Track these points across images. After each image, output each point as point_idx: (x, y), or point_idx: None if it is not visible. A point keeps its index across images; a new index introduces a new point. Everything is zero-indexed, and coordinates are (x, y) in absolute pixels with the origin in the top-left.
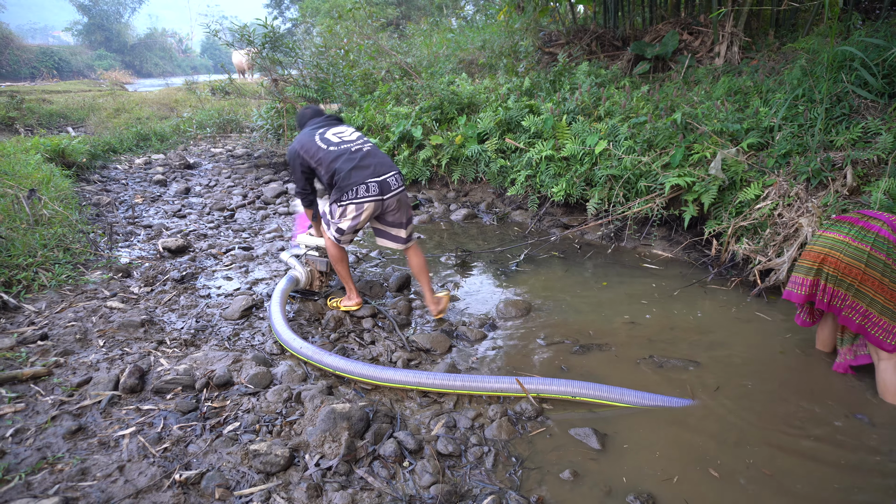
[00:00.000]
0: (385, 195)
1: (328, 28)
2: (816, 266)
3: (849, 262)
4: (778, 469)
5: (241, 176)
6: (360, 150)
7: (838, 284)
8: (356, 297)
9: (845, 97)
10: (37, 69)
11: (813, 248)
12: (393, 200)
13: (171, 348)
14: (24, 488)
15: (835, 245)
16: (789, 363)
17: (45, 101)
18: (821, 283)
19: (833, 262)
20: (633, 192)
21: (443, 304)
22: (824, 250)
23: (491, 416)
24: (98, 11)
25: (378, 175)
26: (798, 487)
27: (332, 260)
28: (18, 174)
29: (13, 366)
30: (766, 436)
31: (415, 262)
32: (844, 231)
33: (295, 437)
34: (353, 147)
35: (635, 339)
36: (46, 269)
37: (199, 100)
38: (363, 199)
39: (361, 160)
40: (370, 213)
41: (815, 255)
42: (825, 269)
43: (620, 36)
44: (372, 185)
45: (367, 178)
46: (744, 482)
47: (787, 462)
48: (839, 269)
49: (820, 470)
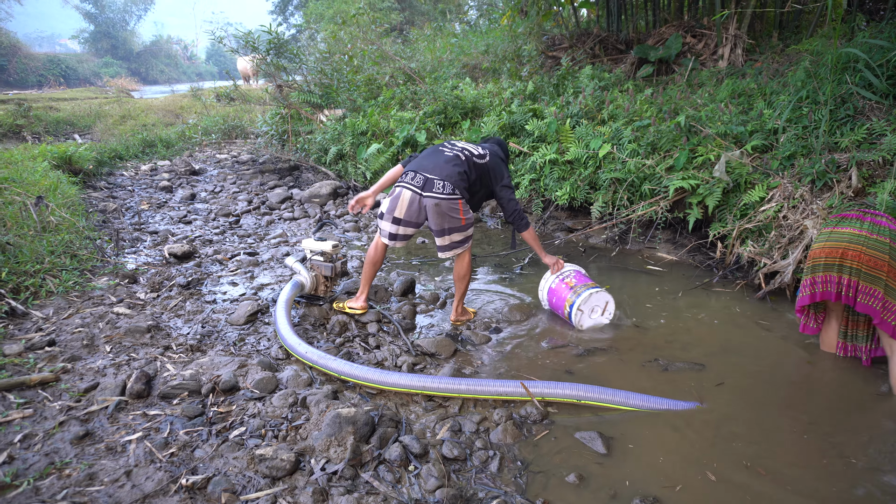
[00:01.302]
0: (424, 193)
1: (332, 34)
2: (837, 262)
3: (873, 255)
4: (786, 472)
5: (246, 182)
6: (444, 151)
7: (862, 277)
8: (363, 302)
9: (850, 99)
10: (44, 77)
11: (827, 244)
12: (430, 202)
13: (177, 354)
14: (32, 493)
15: (853, 239)
16: (796, 365)
17: (52, 109)
18: (844, 278)
19: (855, 255)
20: (638, 196)
21: (465, 318)
22: (841, 244)
23: (496, 419)
24: (104, 19)
25: (431, 173)
26: (807, 492)
27: (366, 259)
28: (26, 181)
29: (21, 372)
30: (773, 439)
31: (455, 269)
32: (857, 226)
33: (300, 441)
34: (450, 145)
35: (640, 342)
36: (54, 275)
37: (205, 106)
38: (403, 185)
39: (431, 155)
40: (406, 203)
41: (832, 250)
42: (847, 264)
43: (624, 39)
44: (419, 176)
45: (418, 169)
46: (750, 487)
47: (796, 466)
48: (863, 262)
49: (829, 473)
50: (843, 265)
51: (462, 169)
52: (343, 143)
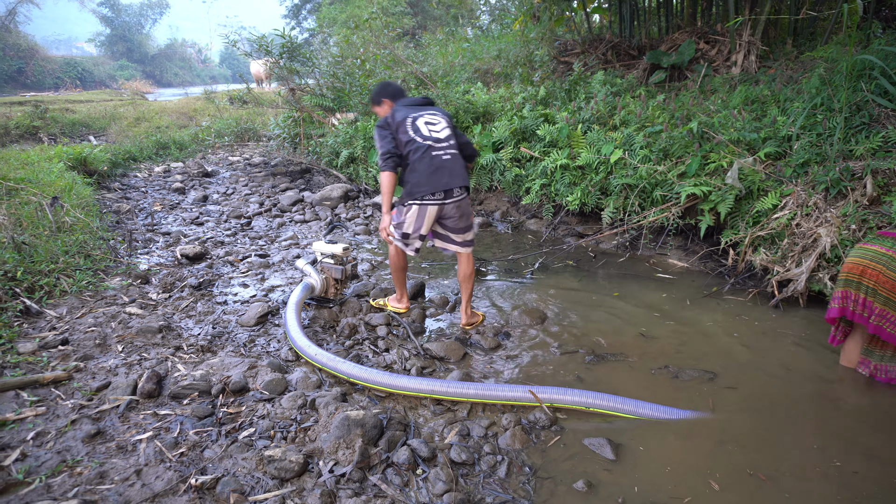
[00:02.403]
0: (447, 200)
1: (345, 38)
2: (856, 278)
3: (892, 276)
4: (792, 483)
5: (258, 184)
6: (441, 156)
7: (877, 298)
8: (406, 302)
9: (865, 106)
10: (61, 79)
11: (854, 259)
12: (453, 206)
13: (187, 354)
14: (44, 491)
15: (876, 257)
16: (808, 374)
17: (68, 111)
18: (860, 296)
19: (873, 273)
20: (649, 202)
21: (476, 320)
22: (863, 261)
23: (504, 424)
24: (120, 23)
25: (447, 186)
26: (820, 501)
27: (392, 267)
28: (42, 182)
29: (35, 370)
30: (783, 448)
31: (462, 270)
32: (887, 245)
33: (309, 443)
34: (438, 147)
35: (650, 349)
36: (68, 275)
37: (218, 109)
38: (427, 202)
39: (440, 167)
40: (433, 216)
41: (853, 265)
42: (864, 282)
43: (636, 45)
44: (438, 192)
45: (436, 186)
46: (760, 496)
47: (803, 478)
48: (879, 282)
49: (844, 485)
50: (862, 282)
51: (463, 162)
52: (354, 147)
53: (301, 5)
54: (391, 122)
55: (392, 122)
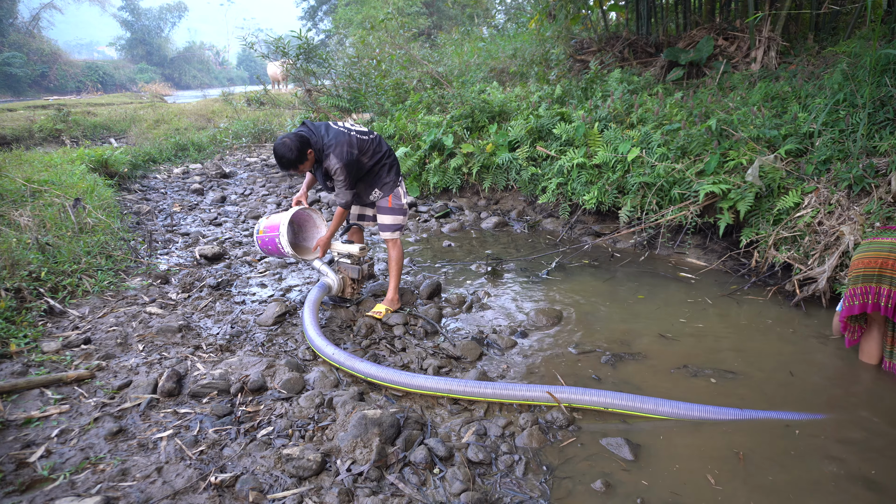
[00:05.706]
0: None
1: (361, 39)
2: (876, 272)
3: None
4: (818, 486)
5: (275, 185)
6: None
7: None
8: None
9: (889, 102)
10: (82, 83)
11: (867, 254)
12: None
13: (207, 353)
14: (68, 487)
15: (893, 248)
16: (832, 373)
17: (89, 114)
18: (884, 288)
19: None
20: (667, 200)
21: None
22: (881, 254)
23: (522, 424)
24: (140, 27)
25: None
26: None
27: (399, 265)
28: (65, 184)
29: (59, 368)
30: (807, 450)
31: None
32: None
33: (327, 442)
34: (373, 135)
35: (669, 349)
36: (90, 275)
37: (235, 110)
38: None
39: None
40: None
41: (871, 260)
42: (886, 274)
43: (653, 42)
44: None
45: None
46: (780, 496)
47: (831, 478)
48: None
49: (867, 491)
50: (883, 275)
51: None
52: None
53: (317, 7)
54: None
55: (355, 150)
